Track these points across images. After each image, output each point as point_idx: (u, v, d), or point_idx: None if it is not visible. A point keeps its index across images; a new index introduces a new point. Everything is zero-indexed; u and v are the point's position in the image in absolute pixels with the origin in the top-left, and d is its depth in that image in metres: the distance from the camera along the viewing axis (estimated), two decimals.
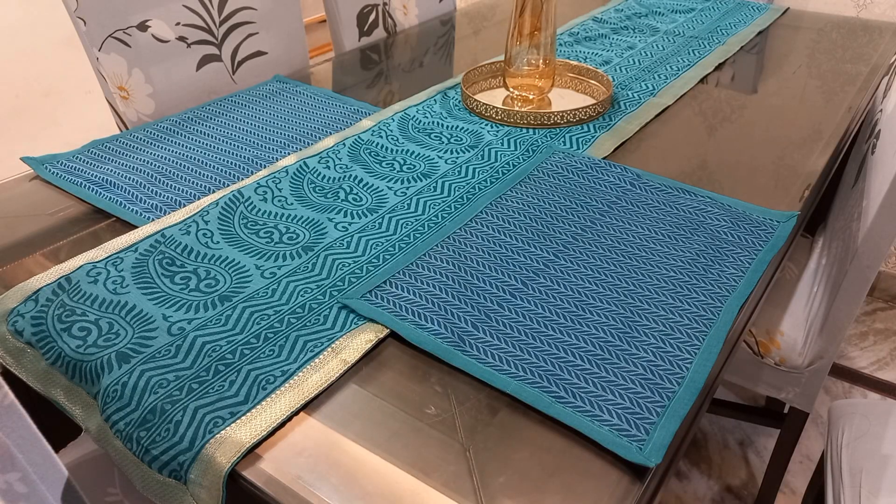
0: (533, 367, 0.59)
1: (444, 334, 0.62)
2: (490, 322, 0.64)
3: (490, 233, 0.77)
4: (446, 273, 0.71)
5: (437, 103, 1.09)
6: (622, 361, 0.60)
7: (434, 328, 0.63)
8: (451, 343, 0.62)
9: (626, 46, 1.34)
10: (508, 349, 0.61)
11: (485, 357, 0.60)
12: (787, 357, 1.05)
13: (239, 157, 0.93)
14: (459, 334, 0.63)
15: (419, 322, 0.64)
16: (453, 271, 0.71)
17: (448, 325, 0.64)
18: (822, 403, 1.51)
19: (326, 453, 0.53)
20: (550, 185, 0.86)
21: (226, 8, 1.14)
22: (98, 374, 0.59)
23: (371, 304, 0.66)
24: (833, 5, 1.64)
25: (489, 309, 0.66)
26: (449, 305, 0.66)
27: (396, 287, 0.68)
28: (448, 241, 0.76)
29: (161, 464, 0.53)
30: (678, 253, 0.74)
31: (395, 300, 0.67)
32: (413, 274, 0.70)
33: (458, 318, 0.64)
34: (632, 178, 0.87)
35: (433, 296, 0.67)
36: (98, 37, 1.00)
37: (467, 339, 0.62)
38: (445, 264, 0.72)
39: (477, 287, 0.69)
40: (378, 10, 1.42)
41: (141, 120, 1.07)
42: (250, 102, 1.08)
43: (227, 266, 0.72)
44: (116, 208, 0.81)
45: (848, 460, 0.86)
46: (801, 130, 1.01)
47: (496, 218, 0.80)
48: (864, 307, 1.78)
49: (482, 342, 0.62)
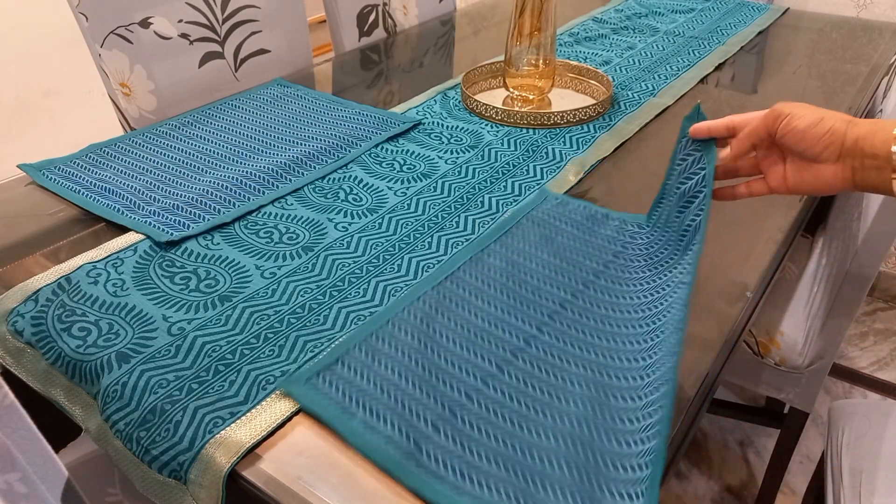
0: (501, 483, 0.50)
1: (397, 440, 0.52)
2: (454, 421, 0.54)
3: (466, 297, 0.67)
4: (409, 352, 0.60)
5: (437, 103, 1.09)
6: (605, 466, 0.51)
7: (386, 431, 0.53)
8: (405, 453, 0.51)
9: (626, 46, 1.34)
10: (472, 460, 0.51)
11: (443, 472, 0.50)
12: (787, 357, 1.05)
13: (238, 164, 0.93)
14: (415, 439, 0.52)
15: (370, 420, 0.54)
16: (418, 349, 0.60)
17: (402, 425, 0.53)
18: (822, 403, 1.51)
19: (326, 453, 0.53)
20: (540, 238, 0.75)
21: (229, 6, 1.14)
22: (98, 374, 0.59)
23: (316, 390, 0.56)
24: (833, 5, 1.64)
25: (455, 402, 0.55)
26: (407, 397, 0.56)
27: (349, 369, 0.58)
28: (417, 304, 0.65)
29: (161, 464, 0.53)
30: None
31: (345, 387, 0.57)
32: (371, 350, 0.60)
33: (415, 416, 0.54)
34: (633, 230, 0.76)
35: (390, 383, 0.57)
36: (100, 33, 1.00)
37: (423, 446, 0.52)
38: (410, 338, 0.61)
39: (444, 372, 0.58)
40: (378, 10, 1.42)
41: (143, 116, 1.07)
42: (250, 107, 1.08)
43: (227, 266, 0.72)
44: (114, 215, 0.80)
45: (848, 461, 0.86)
46: None
47: (474, 278, 0.69)
48: (864, 307, 1.78)
49: (441, 449, 0.52)
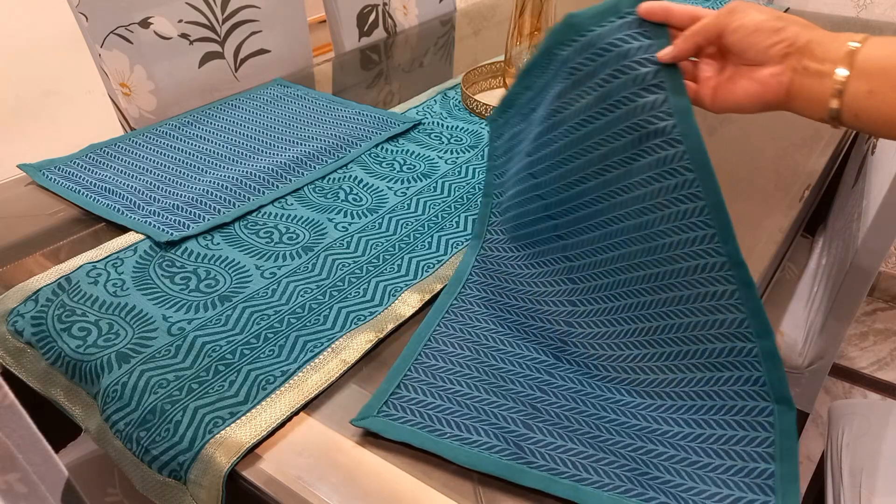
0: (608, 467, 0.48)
1: (499, 446, 0.49)
2: (540, 415, 0.51)
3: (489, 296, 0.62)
4: (463, 361, 0.56)
5: (437, 103, 1.09)
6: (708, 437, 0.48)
7: (481, 440, 0.50)
8: (512, 456, 0.49)
9: None
10: (577, 448, 0.49)
11: (554, 465, 0.48)
12: (787, 357, 1.05)
13: (238, 164, 0.93)
14: (514, 441, 0.50)
15: (461, 435, 0.51)
16: (469, 357, 0.56)
17: (494, 430, 0.50)
18: (822, 403, 1.51)
19: (326, 453, 0.53)
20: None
21: (229, 6, 1.14)
22: (98, 374, 0.59)
23: (394, 420, 0.53)
24: (833, 5, 1.64)
25: (530, 398, 0.52)
26: (484, 405, 0.52)
27: (414, 391, 0.55)
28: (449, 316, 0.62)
29: (161, 464, 0.53)
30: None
31: (419, 409, 0.53)
32: (425, 369, 0.56)
33: (500, 419, 0.51)
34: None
35: (460, 395, 0.54)
36: (100, 33, 1.00)
37: (525, 446, 0.49)
38: (458, 349, 0.58)
39: (506, 373, 0.55)
40: (378, 10, 1.42)
41: (143, 116, 1.07)
42: (250, 107, 1.08)
43: (227, 266, 0.72)
44: (114, 215, 0.80)
45: (848, 460, 0.86)
46: (801, 131, 1.01)
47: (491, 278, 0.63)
48: (864, 307, 1.78)
49: (543, 445, 0.49)
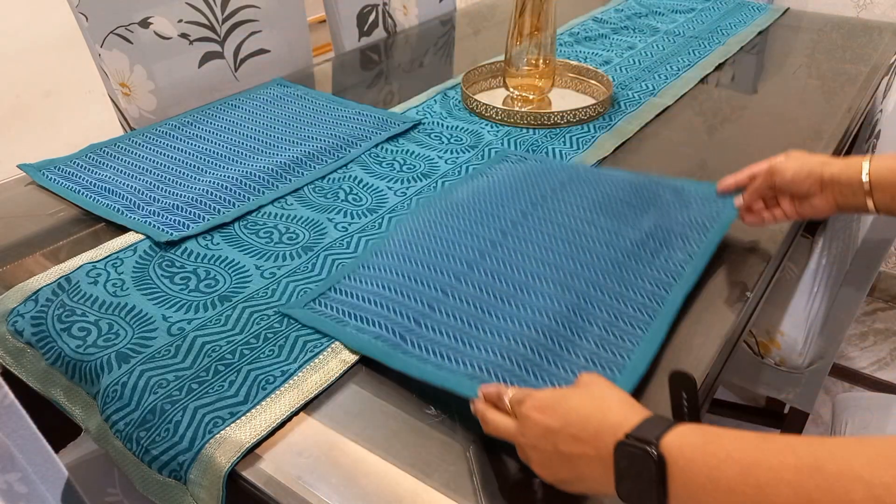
0: (473, 359, 0.57)
1: (384, 336, 0.60)
2: (433, 314, 0.62)
3: (437, 219, 0.74)
4: (391, 268, 0.68)
5: (437, 103, 1.09)
6: (564, 351, 0.58)
7: (374, 330, 0.61)
8: (390, 344, 0.59)
9: (627, 46, 1.34)
10: (450, 343, 0.59)
11: (426, 355, 0.58)
12: (787, 357, 1.05)
13: (238, 164, 0.93)
14: (400, 333, 0.60)
15: (360, 325, 0.62)
16: (397, 265, 0.68)
17: (387, 324, 0.61)
18: (823, 403, 1.51)
19: (326, 453, 0.53)
20: (499, 177, 0.83)
21: (229, 6, 1.14)
22: (98, 374, 0.59)
23: (314, 311, 0.64)
24: (833, 5, 1.64)
25: (433, 299, 0.63)
26: (391, 302, 0.63)
27: (341, 293, 0.66)
28: (395, 234, 0.73)
29: (161, 464, 0.53)
30: (626, 234, 0.71)
31: (338, 306, 0.64)
32: (359, 277, 0.68)
33: (398, 315, 0.62)
34: (584, 168, 0.85)
35: (375, 295, 0.65)
36: (100, 33, 1.00)
37: (408, 337, 0.60)
38: (391, 259, 0.69)
39: (421, 275, 0.66)
40: (378, 10, 1.42)
41: (143, 116, 1.07)
42: (250, 107, 1.08)
43: (227, 266, 0.72)
44: (114, 215, 0.80)
45: None
46: (801, 131, 1.01)
47: (442, 210, 0.76)
48: (864, 307, 1.78)
49: (423, 338, 0.59)
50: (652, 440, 0.40)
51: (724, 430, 0.39)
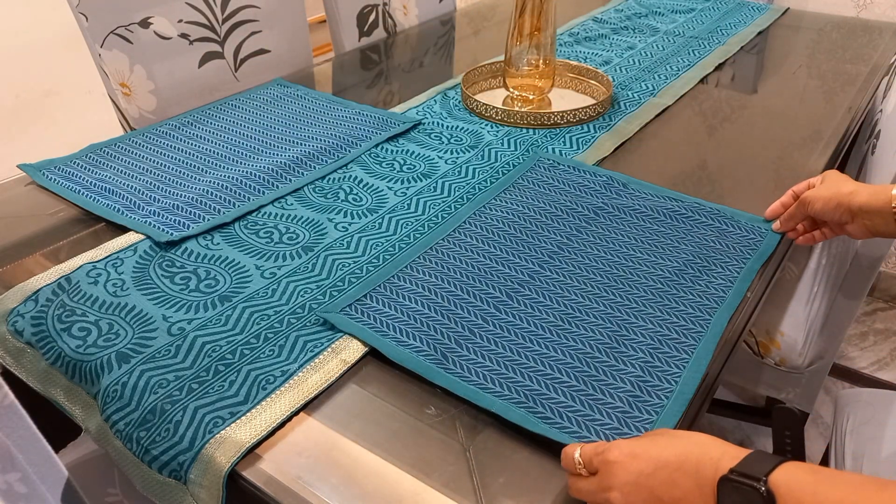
0: (517, 385, 0.58)
1: (426, 351, 0.61)
2: (473, 338, 0.62)
3: (473, 243, 0.75)
4: (428, 286, 0.69)
5: (437, 103, 1.09)
6: (609, 378, 0.59)
7: (415, 345, 0.61)
8: (433, 360, 0.60)
9: (626, 46, 1.34)
10: (492, 367, 0.59)
11: (468, 375, 0.58)
12: (787, 357, 1.05)
13: (238, 164, 0.93)
14: (442, 351, 0.61)
15: (400, 338, 0.62)
16: (435, 284, 0.69)
17: (429, 341, 0.62)
18: (823, 403, 1.51)
19: (326, 453, 0.53)
20: (535, 193, 0.84)
21: (229, 6, 1.14)
22: (98, 374, 0.59)
23: (350, 318, 0.64)
24: (833, 5, 1.64)
25: (472, 324, 0.64)
26: (430, 321, 0.64)
27: (376, 301, 0.67)
28: (430, 252, 0.74)
29: (161, 464, 0.53)
30: (666, 262, 0.72)
31: (375, 315, 0.65)
32: (394, 287, 0.69)
33: (439, 334, 0.63)
34: (618, 187, 0.85)
35: (414, 311, 0.65)
36: (100, 33, 1.00)
37: (450, 356, 0.60)
38: (427, 277, 0.70)
39: (460, 300, 0.67)
40: (378, 10, 1.42)
41: (143, 116, 1.07)
42: (250, 107, 1.08)
43: (227, 266, 0.72)
44: (114, 215, 0.80)
45: (851, 446, 0.87)
46: (801, 131, 1.01)
47: (479, 228, 0.78)
48: (864, 307, 1.78)
49: (465, 359, 0.60)
50: (760, 476, 0.39)
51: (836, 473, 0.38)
